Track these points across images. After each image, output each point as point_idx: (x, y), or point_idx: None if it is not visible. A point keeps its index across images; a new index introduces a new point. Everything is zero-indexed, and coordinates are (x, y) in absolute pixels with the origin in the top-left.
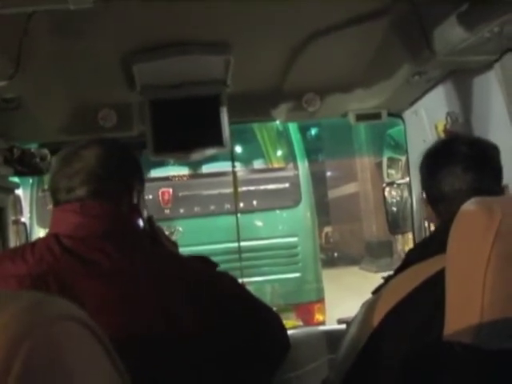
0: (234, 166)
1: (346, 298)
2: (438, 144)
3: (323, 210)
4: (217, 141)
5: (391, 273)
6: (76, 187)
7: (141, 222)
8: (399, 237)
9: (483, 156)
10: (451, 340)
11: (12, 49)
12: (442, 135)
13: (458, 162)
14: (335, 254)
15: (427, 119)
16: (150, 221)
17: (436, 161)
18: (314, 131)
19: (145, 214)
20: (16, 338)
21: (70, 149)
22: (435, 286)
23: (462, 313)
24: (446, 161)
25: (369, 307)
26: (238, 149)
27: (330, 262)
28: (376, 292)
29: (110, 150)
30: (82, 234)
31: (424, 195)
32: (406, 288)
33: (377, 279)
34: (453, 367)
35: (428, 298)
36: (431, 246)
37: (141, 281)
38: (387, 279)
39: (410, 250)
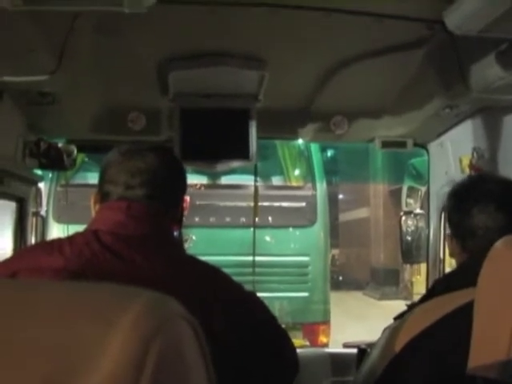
0: (256, 181)
1: (348, 323)
2: (469, 180)
3: (332, 233)
4: (243, 154)
5: (395, 301)
6: (136, 186)
7: (176, 232)
8: (407, 266)
9: None
10: (475, 374)
11: (56, 45)
12: (466, 169)
13: (492, 201)
14: (340, 278)
15: (452, 152)
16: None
17: (468, 197)
18: (329, 153)
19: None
20: (147, 335)
21: (131, 146)
22: (461, 318)
23: (489, 348)
24: (479, 198)
25: (392, 332)
26: (258, 163)
27: (333, 285)
28: (398, 318)
29: (172, 158)
30: (123, 233)
31: (448, 229)
32: (431, 317)
33: (380, 306)
34: None
35: (452, 330)
36: (458, 279)
37: (178, 290)
38: (411, 307)
39: (436, 281)
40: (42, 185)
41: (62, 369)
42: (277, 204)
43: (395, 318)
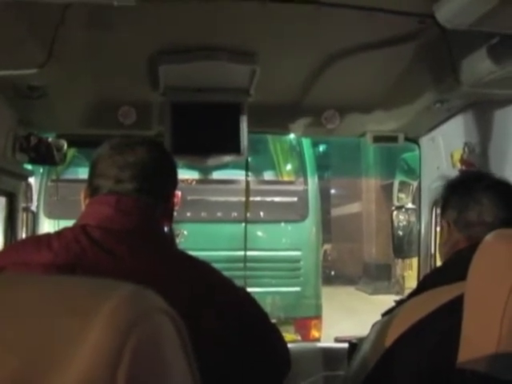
0: (247, 175)
1: (340, 318)
2: (473, 174)
3: (324, 227)
4: (234, 148)
5: (387, 296)
6: (126, 180)
7: (166, 227)
8: (399, 261)
9: None
10: (465, 367)
11: (46, 38)
12: (458, 164)
13: (499, 194)
14: (332, 273)
15: (444, 147)
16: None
17: (476, 188)
18: (321, 148)
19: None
20: (124, 328)
21: (122, 140)
22: (451, 312)
23: (478, 342)
24: (487, 191)
25: (382, 327)
26: (250, 158)
27: (326, 280)
28: (386, 314)
29: (162, 152)
30: (111, 227)
31: (445, 219)
32: (421, 312)
33: (372, 301)
34: None
35: (442, 324)
36: (448, 274)
37: (167, 285)
38: (399, 302)
39: (426, 276)
40: (32, 180)
41: (37, 364)
42: (268, 199)
43: (383, 315)
